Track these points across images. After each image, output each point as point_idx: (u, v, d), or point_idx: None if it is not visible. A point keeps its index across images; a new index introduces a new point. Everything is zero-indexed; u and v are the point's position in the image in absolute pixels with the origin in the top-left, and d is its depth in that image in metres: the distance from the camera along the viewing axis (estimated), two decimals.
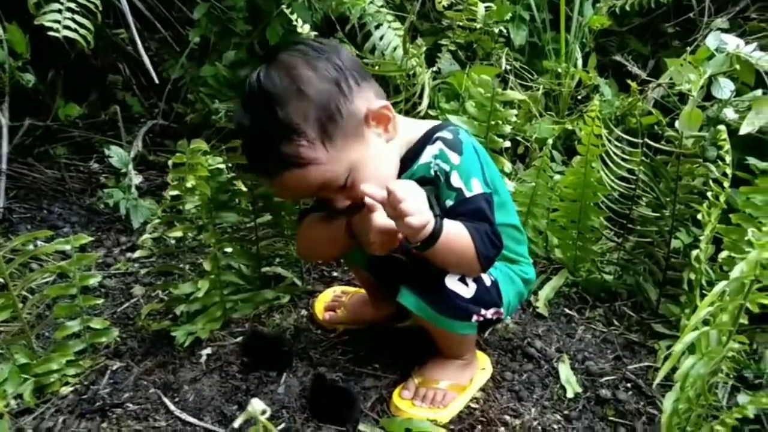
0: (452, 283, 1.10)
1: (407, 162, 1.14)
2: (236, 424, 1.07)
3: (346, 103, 1.04)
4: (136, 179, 1.97)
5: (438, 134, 1.12)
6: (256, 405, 0.51)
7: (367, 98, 1.08)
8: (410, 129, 1.17)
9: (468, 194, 1.08)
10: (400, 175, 1.12)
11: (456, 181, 1.08)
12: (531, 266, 1.29)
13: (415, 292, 1.12)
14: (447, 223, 1.03)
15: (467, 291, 1.11)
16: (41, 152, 2.23)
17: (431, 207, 1.03)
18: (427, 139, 1.13)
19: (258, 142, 1.05)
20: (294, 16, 1.77)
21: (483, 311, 1.14)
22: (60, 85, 2.30)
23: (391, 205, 0.97)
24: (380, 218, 1.03)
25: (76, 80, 2.47)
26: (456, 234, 1.04)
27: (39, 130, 2.26)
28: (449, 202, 1.09)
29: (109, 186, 2.00)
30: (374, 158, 1.09)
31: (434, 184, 1.10)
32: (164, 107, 2.40)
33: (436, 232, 1.01)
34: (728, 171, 1.28)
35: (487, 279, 1.15)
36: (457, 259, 1.07)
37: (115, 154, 1.85)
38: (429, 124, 1.18)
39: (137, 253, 1.40)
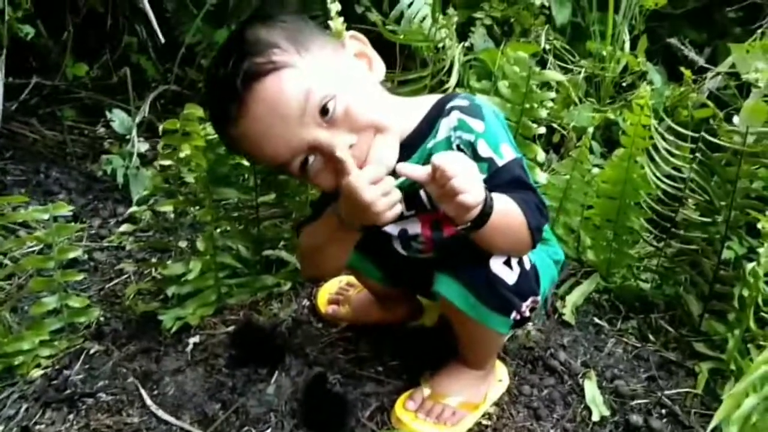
0: (497, 266, 0.95)
1: (415, 142, 0.97)
2: None
3: (317, 28, 0.97)
4: (142, 146, 1.85)
5: (451, 104, 0.97)
6: None
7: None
8: (410, 107, 1.01)
9: (500, 162, 0.94)
10: (407, 158, 0.95)
11: (484, 150, 0.94)
12: (558, 246, 1.16)
13: (456, 278, 0.96)
14: (495, 198, 0.88)
15: (511, 276, 0.96)
16: (47, 113, 2.13)
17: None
18: (437, 113, 0.98)
19: (225, 65, 0.89)
20: None
21: (522, 306, 0.99)
22: (70, 44, 2.18)
23: (439, 183, 0.82)
24: (363, 175, 0.87)
25: (89, 40, 2.36)
26: (505, 209, 0.90)
27: (46, 89, 2.16)
28: (482, 175, 0.92)
29: (113, 152, 1.88)
30: (363, 87, 0.93)
31: None
32: (178, 72, 2.27)
33: (487, 210, 0.86)
34: None
35: (527, 262, 1.00)
36: (507, 237, 0.92)
37: (118, 119, 1.73)
38: (432, 98, 1.02)
39: (123, 227, 1.29)
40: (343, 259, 1.06)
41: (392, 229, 1.05)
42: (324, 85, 0.88)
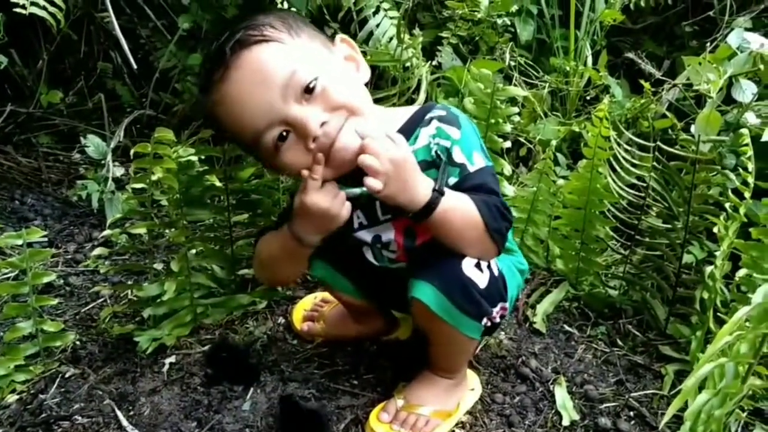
0: (469, 269, 0.99)
1: None
2: None
3: (310, 24, 1.03)
4: (118, 171, 1.86)
5: (430, 114, 1.04)
6: None
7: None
8: (391, 115, 1.08)
9: (471, 168, 1.01)
10: None
11: (458, 156, 1.00)
12: (522, 256, 1.20)
13: (431, 283, 0.99)
14: (448, 194, 0.96)
15: (482, 279, 1.00)
16: (22, 140, 2.13)
17: (435, 179, 0.97)
18: (416, 121, 1.04)
19: (220, 38, 0.96)
20: (285, 5, 1.67)
21: (493, 312, 1.03)
22: (44, 72, 2.20)
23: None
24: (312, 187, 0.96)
25: (64, 67, 2.38)
26: (457, 205, 0.96)
27: (21, 116, 2.16)
28: (453, 179, 1.00)
29: (89, 178, 1.89)
30: (343, 77, 0.99)
31: (436, 167, 1.01)
32: (153, 97, 2.29)
33: (433, 202, 0.94)
34: (750, 180, 1.16)
35: (495, 268, 1.04)
36: (464, 233, 0.97)
37: (92, 144, 1.74)
38: (411, 108, 1.09)
39: (98, 251, 1.30)
40: (296, 272, 1.17)
41: (366, 236, 1.08)
42: (309, 65, 0.94)
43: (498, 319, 1.06)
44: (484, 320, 1.03)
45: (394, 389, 1.17)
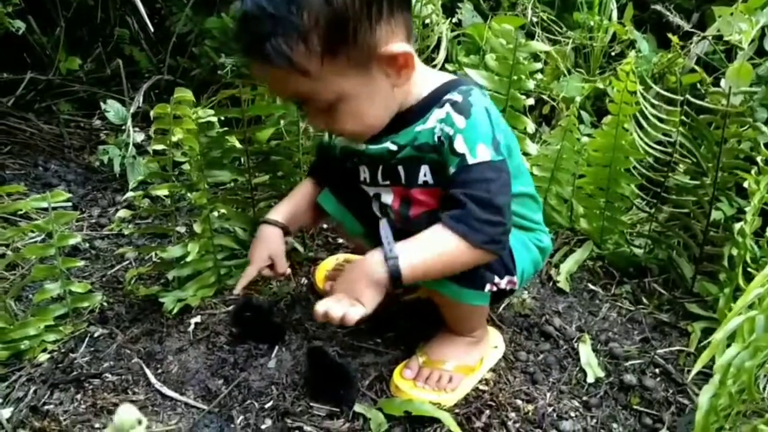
0: None
1: (410, 117, 0.99)
2: None
3: (367, 31, 0.88)
4: (138, 136, 1.87)
5: (448, 96, 0.97)
6: (125, 413, 0.38)
7: (393, 34, 0.91)
8: (423, 80, 1.01)
9: (471, 161, 0.94)
10: (397, 131, 0.98)
11: (460, 145, 0.94)
12: (547, 234, 1.15)
13: None
14: (406, 248, 0.92)
15: None
16: (43, 107, 2.15)
17: (385, 245, 0.93)
18: (436, 98, 0.98)
19: (254, 23, 0.87)
20: None
21: (497, 279, 1.02)
22: (62, 39, 2.19)
23: None
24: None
25: (81, 34, 2.38)
26: (424, 253, 0.93)
27: (41, 84, 2.17)
28: (452, 169, 0.95)
29: (109, 143, 1.90)
30: (369, 98, 0.94)
31: (438, 152, 0.97)
32: (170, 62, 2.28)
33: (393, 269, 0.91)
34: None
35: None
36: (450, 267, 0.95)
37: (112, 109, 1.74)
38: (442, 78, 1.02)
39: (121, 213, 1.31)
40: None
41: (370, 191, 1.08)
42: (327, 97, 0.92)
43: (504, 286, 1.04)
44: (488, 287, 1.02)
45: (416, 347, 1.17)
